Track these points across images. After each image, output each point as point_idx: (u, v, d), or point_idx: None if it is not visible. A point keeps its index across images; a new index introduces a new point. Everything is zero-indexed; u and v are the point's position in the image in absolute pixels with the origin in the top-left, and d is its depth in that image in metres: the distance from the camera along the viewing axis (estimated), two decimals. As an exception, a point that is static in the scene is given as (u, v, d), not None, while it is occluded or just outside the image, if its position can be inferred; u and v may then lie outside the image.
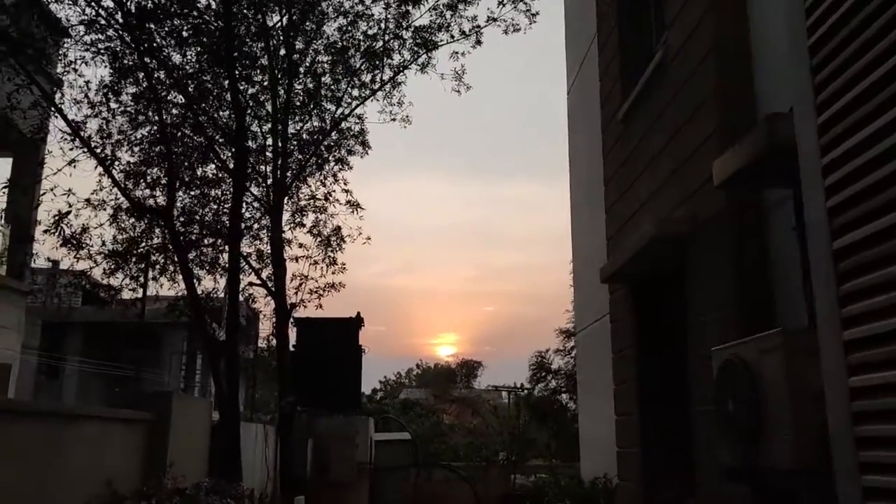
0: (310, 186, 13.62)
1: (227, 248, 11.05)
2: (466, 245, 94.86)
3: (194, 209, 11.56)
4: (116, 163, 10.48)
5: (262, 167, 13.98)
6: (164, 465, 6.56)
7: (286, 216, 14.28)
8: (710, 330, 4.94)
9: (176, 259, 10.34)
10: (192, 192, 11.38)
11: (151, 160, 10.73)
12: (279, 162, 13.47)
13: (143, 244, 11.06)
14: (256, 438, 11.13)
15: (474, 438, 18.22)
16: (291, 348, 15.60)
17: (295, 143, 14.27)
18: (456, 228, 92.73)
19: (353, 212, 13.21)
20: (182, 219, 11.08)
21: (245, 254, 13.50)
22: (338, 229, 14.04)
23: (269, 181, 13.82)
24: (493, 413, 19.22)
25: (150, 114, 10.65)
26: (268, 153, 13.80)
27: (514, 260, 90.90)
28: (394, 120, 14.03)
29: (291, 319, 14.28)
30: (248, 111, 12.24)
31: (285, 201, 14.26)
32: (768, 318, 4.44)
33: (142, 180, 10.73)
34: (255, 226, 14.32)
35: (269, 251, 13.52)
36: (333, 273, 14.26)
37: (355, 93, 13.93)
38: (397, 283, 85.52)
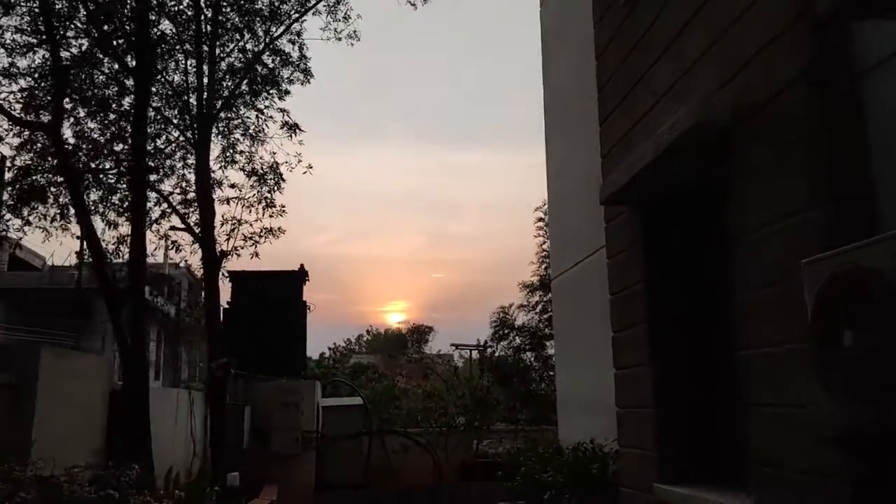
0: (241, 115, 12.00)
1: (129, 176, 9.44)
2: (417, 213, 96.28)
3: (91, 131, 9.91)
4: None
5: (187, 97, 12.33)
6: (24, 442, 5.13)
7: (216, 153, 12.74)
8: (774, 244, 3.75)
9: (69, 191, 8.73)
10: (89, 109, 9.69)
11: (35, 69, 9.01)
12: (204, 84, 11.84)
13: (36, 176, 9.38)
14: (178, 406, 9.72)
15: (432, 402, 17.08)
16: (225, 305, 14.19)
17: (224, 67, 12.61)
18: (407, 197, 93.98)
19: (290, 136, 11.67)
20: (75, 141, 9.45)
21: (165, 192, 11.94)
22: (275, 165, 12.54)
23: (195, 112, 12.22)
24: (452, 373, 18.13)
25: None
26: (190, 77, 12.14)
27: (465, 228, 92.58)
28: (339, 39, 12.51)
29: (224, 272, 12.83)
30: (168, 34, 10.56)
31: (214, 136, 12.71)
32: (867, 220, 3.25)
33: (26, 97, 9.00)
34: (180, 164, 12.75)
35: (195, 192, 11.97)
36: (271, 216, 12.80)
37: (292, 7, 12.33)
38: (347, 250, 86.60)
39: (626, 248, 6.12)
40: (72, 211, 9.97)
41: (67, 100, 8.97)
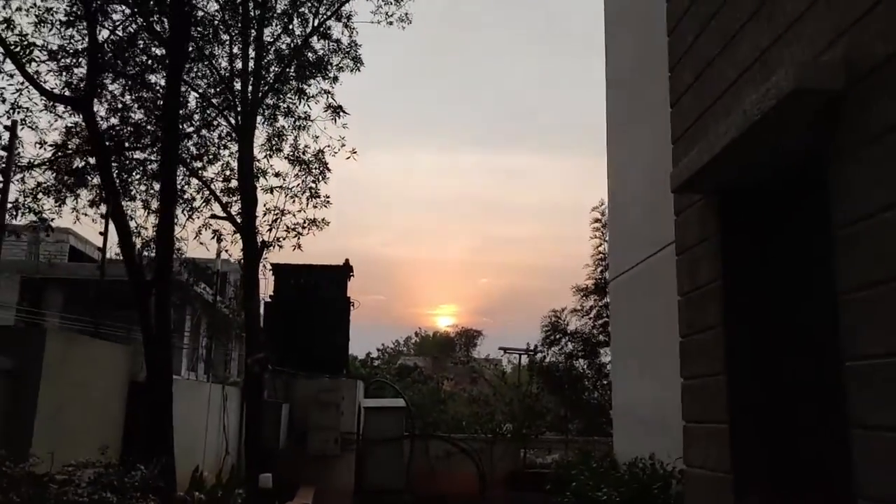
0: (287, 100, 11.67)
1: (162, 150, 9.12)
2: (469, 216, 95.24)
3: (126, 108, 9.63)
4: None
5: (232, 82, 12.07)
6: (24, 436, 4.75)
7: (260, 141, 12.47)
8: (894, 234, 3.10)
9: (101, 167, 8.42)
10: (124, 85, 9.42)
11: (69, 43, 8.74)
12: (249, 69, 11.54)
13: (68, 154, 9.14)
14: (211, 401, 9.36)
15: (478, 407, 16.51)
16: (267, 298, 13.91)
17: (272, 53, 12.30)
18: (458, 199, 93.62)
19: (334, 119, 11.26)
20: (109, 118, 9.18)
21: (207, 179, 11.68)
22: (320, 154, 12.16)
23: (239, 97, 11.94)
24: (499, 378, 17.50)
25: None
26: (237, 63, 11.86)
27: (516, 232, 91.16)
28: (390, 23, 12.07)
29: (266, 264, 12.52)
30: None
31: (259, 123, 12.43)
32: None
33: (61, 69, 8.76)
34: (224, 153, 12.51)
35: (237, 179, 11.68)
36: (315, 207, 12.43)
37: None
38: (399, 252, 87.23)
39: (700, 242, 5.47)
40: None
41: (105, 76, 8.73)
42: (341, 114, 11.47)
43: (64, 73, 8.74)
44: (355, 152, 11.81)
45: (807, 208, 4.30)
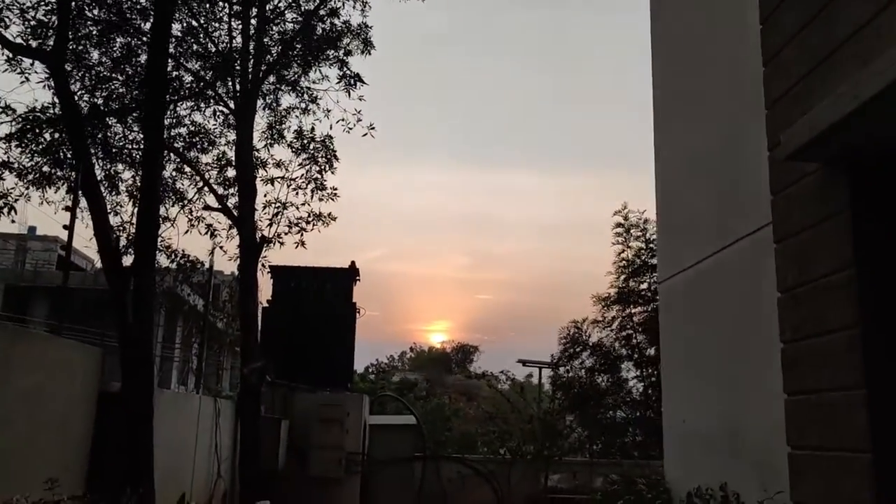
0: (292, 73, 10.72)
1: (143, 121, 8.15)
2: (461, 233, 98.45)
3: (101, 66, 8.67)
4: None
5: (230, 61, 11.14)
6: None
7: (261, 128, 11.54)
8: None
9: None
10: (99, 37, 8.44)
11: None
12: (250, 47, 10.60)
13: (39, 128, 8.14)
14: (201, 417, 8.34)
15: (494, 426, 15.49)
16: (265, 303, 12.95)
17: (274, 30, 11.37)
18: (451, 216, 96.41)
19: (348, 92, 10.32)
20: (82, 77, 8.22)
21: (200, 166, 10.73)
22: (327, 140, 11.22)
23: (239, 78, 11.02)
24: (518, 393, 16.44)
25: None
26: (236, 39, 10.93)
27: (508, 249, 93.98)
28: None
29: (263, 262, 11.55)
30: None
31: (260, 108, 11.51)
32: None
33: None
34: (221, 140, 11.57)
35: (234, 167, 10.74)
36: (321, 200, 11.48)
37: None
38: (391, 268, 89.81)
39: (818, 223, 4.50)
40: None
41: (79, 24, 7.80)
42: (357, 84, 10.47)
43: (35, 33, 7.77)
44: (373, 128, 10.80)
45: None
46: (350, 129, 10.77)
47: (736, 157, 7.16)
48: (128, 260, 7.67)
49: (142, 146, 8.38)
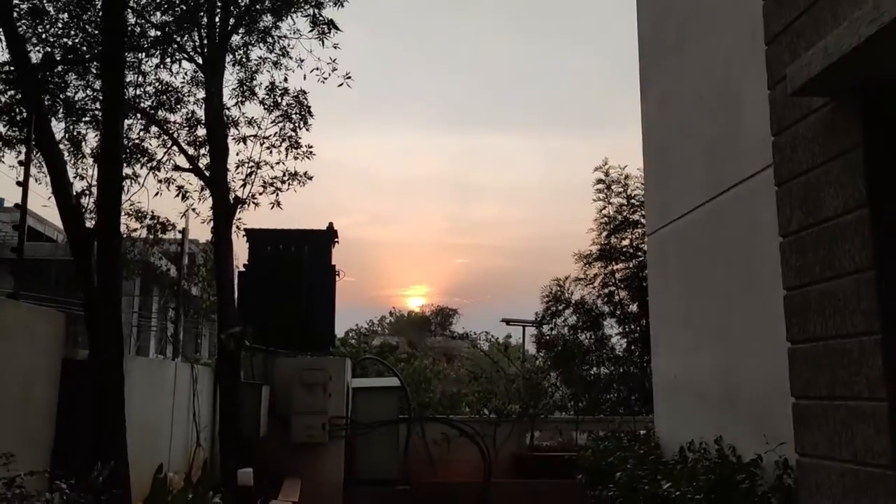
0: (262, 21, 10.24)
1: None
2: (439, 197, 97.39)
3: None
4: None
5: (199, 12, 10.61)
6: None
7: (232, 85, 11.08)
8: None
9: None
10: None
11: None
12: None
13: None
14: (177, 385, 8.03)
15: (479, 385, 15.37)
16: (241, 267, 12.61)
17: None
18: (428, 180, 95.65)
19: (321, 41, 9.90)
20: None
21: (168, 125, 10.31)
22: (300, 95, 10.80)
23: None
24: (501, 352, 16.30)
25: None
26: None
27: (487, 213, 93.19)
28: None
29: (239, 227, 11.21)
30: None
31: (230, 63, 11.05)
32: None
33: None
34: (190, 99, 11.12)
35: (205, 123, 10.32)
36: (296, 158, 11.11)
37: None
38: (370, 234, 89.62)
39: (827, 161, 4.28)
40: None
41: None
42: (331, 31, 10.01)
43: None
44: (350, 77, 10.35)
45: None
46: (325, 79, 10.34)
47: (727, 101, 6.90)
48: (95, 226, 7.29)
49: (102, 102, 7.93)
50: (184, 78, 11.22)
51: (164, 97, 11.01)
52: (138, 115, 10.77)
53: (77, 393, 5.58)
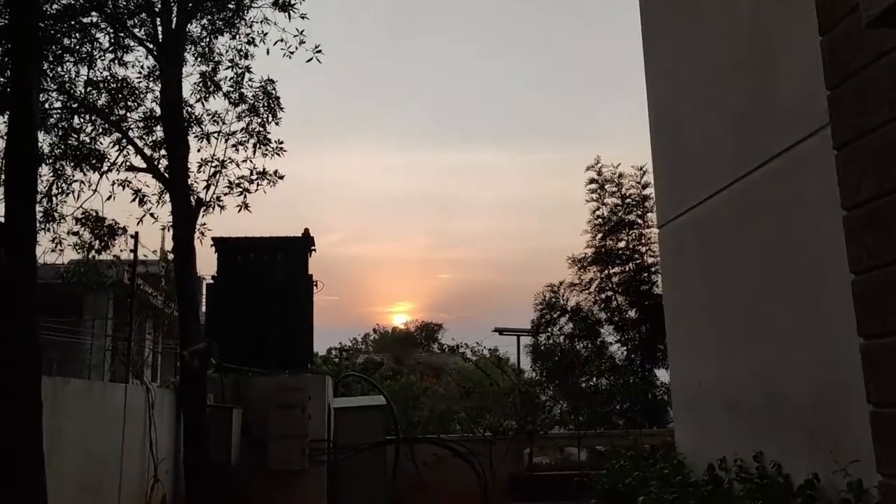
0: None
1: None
2: (421, 214, 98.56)
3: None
4: None
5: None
6: None
7: (195, 78, 10.26)
8: None
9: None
10: None
11: None
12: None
13: None
14: (128, 411, 7.11)
15: (469, 401, 14.54)
16: (210, 279, 11.76)
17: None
18: (409, 197, 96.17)
19: (287, 14, 9.12)
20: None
21: (125, 118, 9.48)
22: (268, 85, 9.99)
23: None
24: (495, 366, 15.48)
25: None
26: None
27: (470, 228, 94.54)
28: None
29: (203, 233, 10.38)
30: None
31: (191, 56, 10.26)
32: None
33: None
34: (149, 96, 10.30)
35: (161, 118, 9.49)
36: (265, 155, 10.28)
37: None
38: (352, 251, 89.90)
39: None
40: None
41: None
42: (293, 6, 9.18)
43: None
44: (320, 51, 9.50)
45: None
46: (291, 53, 9.51)
47: (754, 62, 6.13)
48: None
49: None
50: (140, 72, 10.39)
51: (119, 95, 10.18)
52: (88, 116, 9.94)
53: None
